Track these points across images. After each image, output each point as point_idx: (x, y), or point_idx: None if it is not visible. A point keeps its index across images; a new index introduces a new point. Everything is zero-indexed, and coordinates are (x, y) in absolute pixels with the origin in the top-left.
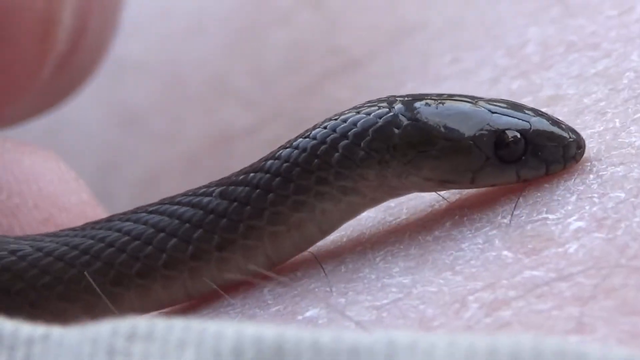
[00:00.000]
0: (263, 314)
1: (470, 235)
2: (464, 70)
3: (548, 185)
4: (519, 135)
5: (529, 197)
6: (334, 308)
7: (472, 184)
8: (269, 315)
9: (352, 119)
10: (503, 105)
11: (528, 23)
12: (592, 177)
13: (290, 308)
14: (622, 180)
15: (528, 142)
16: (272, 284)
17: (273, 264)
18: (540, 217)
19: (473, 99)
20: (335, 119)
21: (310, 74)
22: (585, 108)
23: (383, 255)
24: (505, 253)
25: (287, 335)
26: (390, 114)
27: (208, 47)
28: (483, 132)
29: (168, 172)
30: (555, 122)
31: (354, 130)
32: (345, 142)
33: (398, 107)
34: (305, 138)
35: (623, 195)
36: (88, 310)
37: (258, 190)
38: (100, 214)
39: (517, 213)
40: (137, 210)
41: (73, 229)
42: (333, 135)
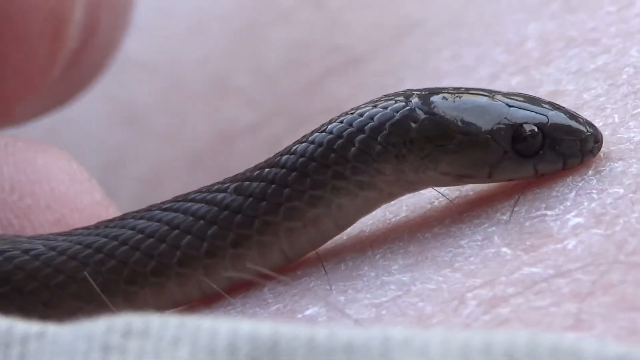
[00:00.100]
0: (263, 313)
1: (470, 232)
2: (464, 67)
3: (547, 182)
4: (537, 129)
5: (528, 193)
6: (334, 306)
7: (489, 179)
8: (269, 314)
9: (368, 113)
10: (520, 99)
11: (528, 18)
12: (590, 172)
13: (290, 306)
14: (620, 176)
15: (545, 135)
16: (272, 283)
17: (289, 260)
18: (539, 213)
19: (490, 93)
20: (352, 113)
21: (311, 73)
22: (585, 103)
23: (382, 253)
24: (504, 250)
25: (282, 332)
26: (407, 108)
27: (209, 46)
28: (500, 126)
29: (170, 170)
30: (573, 115)
31: (371, 124)
32: (362, 136)
33: (415, 101)
34: (322, 132)
35: (621, 191)
36: (102, 309)
37: (274, 186)
38: (113, 214)
39: (516, 209)
40: (151, 208)
41: (87, 228)
42: (350, 130)
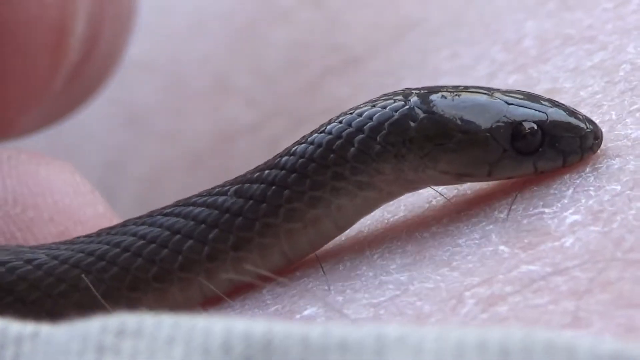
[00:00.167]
0: (262, 314)
1: (467, 231)
2: (462, 66)
3: (545, 179)
4: (536, 127)
5: (526, 191)
6: (332, 306)
7: (489, 177)
8: (268, 315)
9: (367, 113)
10: (520, 97)
11: (526, 17)
12: (588, 170)
13: (289, 307)
14: (618, 173)
15: (545, 133)
16: (271, 285)
17: (290, 262)
18: (537, 211)
19: (489, 91)
20: (351, 113)
21: (311, 72)
22: (582, 101)
23: (381, 253)
24: (502, 248)
25: (276, 331)
26: (406, 107)
27: (209, 46)
28: (500, 124)
29: (171, 170)
30: (573, 112)
31: (370, 124)
32: (361, 136)
33: (414, 100)
34: (321, 133)
35: (619, 188)
36: None
37: (274, 187)
38: None
39: (513, 207)
40: (152, 214)
41: (88, 236)
42: (349, 130)
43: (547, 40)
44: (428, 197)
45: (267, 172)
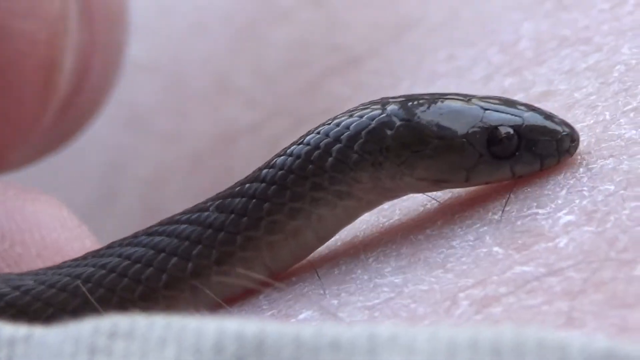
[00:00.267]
0: (258, 318)
1: (462, 233)
2: (459, 68)
3: (538, 180)
4: (512, 131)
5: (520, 192)
6: (327, 310)
7: (466, 182)
8: (264, 320)
9: (345, 123)
10: (496, 102)
11: (522, 18)
12: (582, 170)
13: (285, 312)
14: (611, 173)
15: (521, 137)
16: (267, 290)
17: (272, 274)
18: (531, 212)
19: (466, 97)
20: (329, 124)
21: (312, 72)
22: (576, 102)
23: (375, 256)
24: (496, 249)
25: (268, 331)
26: (383, 115)
27: (210, 46)
28: (475, 129)
29: (172, 170)
30: (549, 116)
31: (347, 134)
32: (339, 145)
33: (391, 108)
34: (299, 145)
35: (612, 188)
36: None
37: (254, 200)
38: None
39: (507, 209)
40: (136, 235)
41: (75, 260)
42: (326, 140)
43: (543, 42)
44: (423, 200)
45: (247, 185)
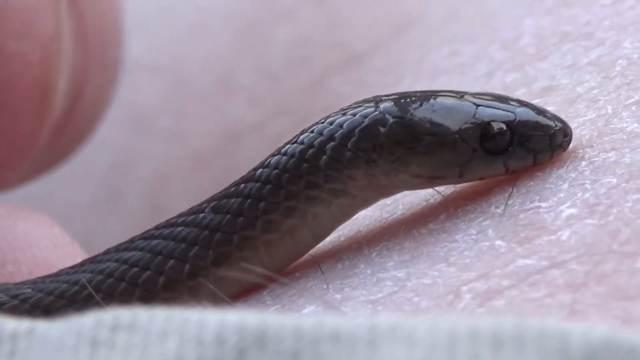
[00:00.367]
0: None
1: (464, 227)
2: (461, 65)
3: (541, 174)
4: (505, 127)
5: (522, 186)
6: (330, 304)
7: (460, 179)
8: None
9: (338, 121)
10: (488, 98)
11: (524, 14)
12: (584, 163)
13: (288, 306)
14: (613, 166)
15: (514, 132)
16: (271, 285)
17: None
18: (533, 205)
19: (458, 94)
20: (322, 122)
21: (314, 70)
22: (578, 97)
23: (379, 251)
24: (499, 243)
25: (269, 322)
26: (376, 113)
27: (212, 45)
28: (468, 125)
29: (176, 170)
30: (541, 111)
31: (341, 132)
32: (333, 144)
33: (384, 105)
34: (294, 144)
35: (615, 181)
36: None
37: (250, 200)
38: None
39: (510, 202)
40: (133, 239)
41: (72, 267)
42: (320, 139)
43: (544, 38)
44: (426, 195)
45: (242, 185)
